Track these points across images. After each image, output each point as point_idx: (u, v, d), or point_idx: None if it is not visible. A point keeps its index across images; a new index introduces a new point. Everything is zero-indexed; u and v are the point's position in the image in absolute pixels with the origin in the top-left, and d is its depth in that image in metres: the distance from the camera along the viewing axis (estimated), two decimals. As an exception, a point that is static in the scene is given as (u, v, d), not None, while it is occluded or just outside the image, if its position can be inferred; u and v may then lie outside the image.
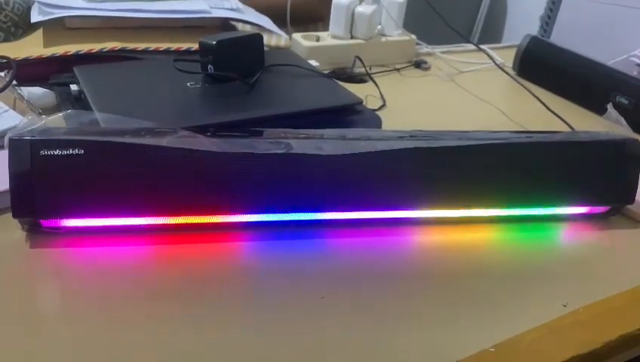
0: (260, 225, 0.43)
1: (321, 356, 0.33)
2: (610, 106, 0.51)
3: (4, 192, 0.41)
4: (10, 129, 0.39)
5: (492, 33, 1.96)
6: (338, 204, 0.43)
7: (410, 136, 0.46)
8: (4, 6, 0.68)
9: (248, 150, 0.40)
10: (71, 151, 0.38)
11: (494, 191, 0.46)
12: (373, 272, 0.41)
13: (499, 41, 1.54)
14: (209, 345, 0.33)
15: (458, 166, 0.45)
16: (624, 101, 0.70)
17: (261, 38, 0.61)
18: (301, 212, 0.43)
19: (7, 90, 0.53)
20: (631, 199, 0.48)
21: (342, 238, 0.44)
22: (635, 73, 0.77)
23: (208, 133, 0.42)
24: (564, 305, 0.39)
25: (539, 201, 0.47)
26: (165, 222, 0.42)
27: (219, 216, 0.42)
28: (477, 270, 0.42)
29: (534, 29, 1.04)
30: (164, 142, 0.39)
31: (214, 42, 0.56)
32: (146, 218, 0.41)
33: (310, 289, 0.38)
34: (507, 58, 0.89)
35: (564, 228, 0.48)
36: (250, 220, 0.43)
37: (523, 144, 0.47)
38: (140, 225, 0.41)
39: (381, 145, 0.43)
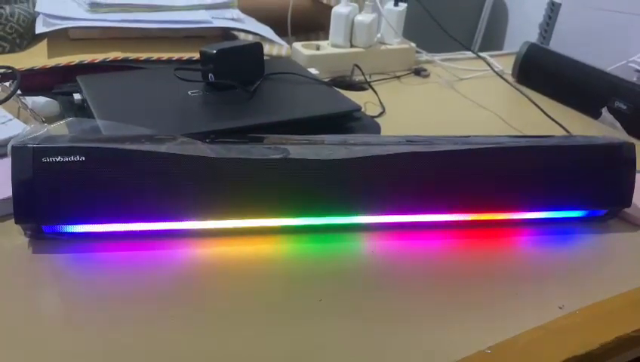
0: (256, 230, 0.44)
1: (317, 357, 0.34)
2: (605, 110, 0.51)
3: (7, 199, 0.42)
4: (13, 137, 0.40)
5: (493, 41, 1.97)
6: (335, 208, 0.44)
7: (408, 142, 0.46)
8: (9, 18, 0.69)
9: (245, 156, 0.41)
10: (72, 158, 0.39)
11: (492, 195, 0.46)
12: (370, 275, 0.41)
13: (500, 49, 1.55)
14: (208, 347, 0.34)
15: (455, 170, 0.45)
16: (622, 106, 0.71)
17: (261, 46, 0.62)
18: (298, 216, 0.44)
19: (11, 100, 0.54)
20: (628, 202, 0.48)
21: (340, 242, 0.44)
22: (634, 79, 0.77)
23: (207, 140, 0.42)
24: (561, 307, 0.39)
25: (536, 205, 0.47)
26: (165, 228, 0.42)
27: (217, 221, 0.43)
28: (474, 272, 0.42)
29: (535, 37, 1.05)
30: (163, 148, 0.40)
31: (215, 51, 0.57)
32: (147, 223, 0.42)
33: (307, 291, 0.39)
34: (507, 65, 0.89)
35: (562, 231, 0.49)
36: (247, 225, 0.44)
37: (520, 148, 0.47)
38: (140, 231, 0.42)
39: (378, 150, 0.44)
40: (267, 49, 0.96)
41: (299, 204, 0.43)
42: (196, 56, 0.64)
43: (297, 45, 0.84)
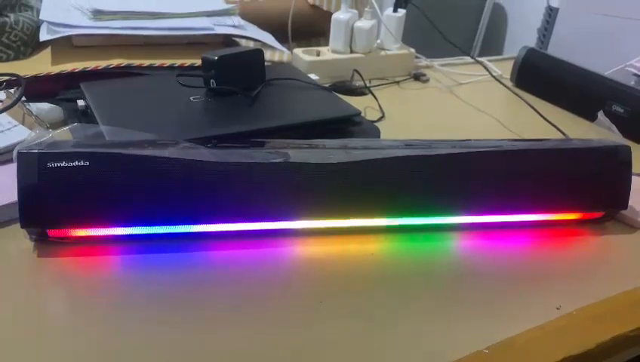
0: (257, 233, 0.44)
1: (317, 358, 0.34)
2: (600, 113, 0.52)
3: (12, 203, 0.42)
4: (18, 143, 0.41)
5: (493, 46, 1.98)
6: (334, 211, 0.44)
7: (406, 145, 0.47)
8: (14, 26, 0.70)
9: (246, 160, 0.42)
10: (76, 163, 0.40)
11: (490, 197, 0.47)
12: (369, 276, 0.42)
13: (500, 54, 1.56)
14: (210, 350, 0.34)
15: (454, 173, 0.46)
16: (620, 110, 0.71)
17: (262, 52, 0.63)
18: (299, 220, 0.44)
19: (16, 106, 0.55)
20: (624, 204, 0.49)
21: (340, 245, 0.45)
22: (632, 83, 0.78)
23: (209, 145, 0.43)
24: (558, 308, 0.40)
25: (533, 207, 0.48)
26: (168, 231, 0.43)
27: (218, 224, 0.43)
28: (472, 273, 0.43)
29: (534, 42, 1.06)
30: (165, 153, 0.41)
31: (216, 57, 0.58)
32: (150, 227, 0.43)
33: (308, 293, 0.39)
34: (506, 70, 0.90)
35: (560, 233, 0.49)
36: (248, 228, 0.44)
37: (517, 151, 0.48)
38: (143, 234, 0.43)
39: (378, 154, 0.44)
40: (268, 55, 0.97)
41: (298, 207, 0.43)
42: (198, 62, 0.65)
43: (298, 51, 0.85)
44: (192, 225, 0.43)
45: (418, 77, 0.89)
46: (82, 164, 0.40)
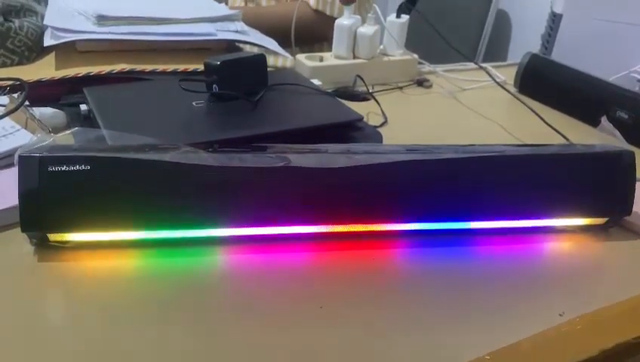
0: (257, 237, 0.44)
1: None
2: (604, 119, 0.52)
3: (13, 207, 0.42)
4: (20, 147, 0.41)
5: (496, 52, 1.98)
6: (336, 217, 0.44)
7: (409, 150, 0.47)
8: (18, 31, 0.71)
9: (246, 164, 0.42)
10: (77, 167, 0.40)
11: (492, 203, 0.47)
12: (370, 282, 0.42)
13: (504, 60, 1.56)
14: (210, 354, 0.34)
15: (456, 178, 0.46)
16: (624, 116, 0.71)
17: (264, 58, 0.63)
18: (299, 225, 0.44)
19: (19, 111, 0.55)
20: (628, 211, 0.48)
21: (341, 250, 0.45)
22: (636, 89, 0.78)
23: (210, 149, 0.43)
24: (561, 314, 0.39)
25: (536, 212, 0.47)
26: (168, 236, 0.43)
27: (219, 228, 0.43)
28: (474, 279, 0.43)
29: (538, 48, 1.06)
30: (166, 157, 0.41)
31: (219, 62, 0.58)
32: (150, 232, 0.42)
33: (308, 299, 0.39)
34: (509, 76, 0.90)
35: (563, 239, 0.49)
36: (248, 233, 0.44)
37: (520, 156, 0.47)
38: (144, 239, 0.43)
39: (380, 159, 0.44)
40: (271, 60, 0.97)
41: (299, 211, 0.43)
42: (201, 67, 0.65)
43: (301, 57, 0.85)
44: (192, 230, 0.43)
45: (421, 82, 0.89)
46: (83, 167, 0.40)
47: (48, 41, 0.69)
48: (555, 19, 0.96)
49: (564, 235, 0.49)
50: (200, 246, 0.43)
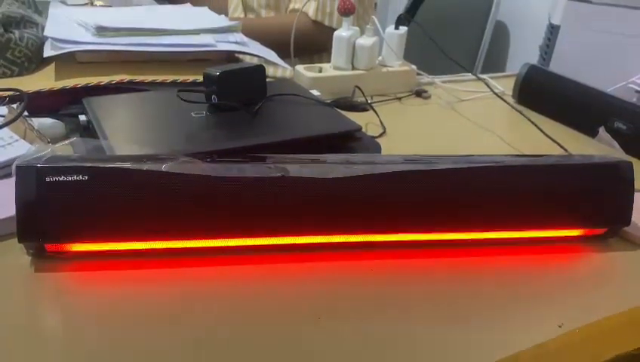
0: (254, 248, 0.44)
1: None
2: (601, 130, 0.52)
3: (11, 218, 0.42)
4: (18, 157, 0.41)
5: (495, 63, 1.99)
6: (335, 227, 0.44)
7: (407, 161, 0.47)
8: (18, 42, 0.71)
9: (244, 174, 0.42)
10: (75, 178, 0.40)
11: (491, 213, 0.46)
12: (369, 294, 0.41)
13: (503, 71, 1.57)
14: (205, 365, 0.34)
15: (455, 189, 0.46)
16: (622, 126, 0.71)
17: (263, 68, 0.63)
18: (297, 235, 0.44)
19: (18, 121, 0.55)
20: (627, 221, 0.48)
21: (338, 261, 0.45)
22: (634, 100, 0.78)
23: (208, 160, 0.43)
24: (560, 326, 0.39)
25: (535, 223, 0.47)
26: (166, 246, 0.43)
27: (217, 239, 0.43)
28: (472, 290, 0.42)
29: (537, 59, 1.06)
30: (165, 167, 0.41)
31: (217, 73, 0.58)
32: (148, 242, 0.42)
33: (306, 310, 0.39)
34: (507, 87, 0.90)
35: (562, 250, 0.49)
36: (245, 244, 0.44)
37: (519, 167, 0.47)
38: (141, 250, 0.42)
39: (378, 169, 0.44)
40: (270, 71, 0.97)
41: (297, 222, 0.43)
42: (200, 78, 0.65)
43: (300, 68, 0.85)
44: (188, 240, 0.43)
45: (420, 93, 0.89)
46: (81, 178, 0.40)
47: (48, 52, 0.69)
48: (553, 31, 0.97)
49: (562, 246, 0.49)
50: (198, 257, 0.43)
